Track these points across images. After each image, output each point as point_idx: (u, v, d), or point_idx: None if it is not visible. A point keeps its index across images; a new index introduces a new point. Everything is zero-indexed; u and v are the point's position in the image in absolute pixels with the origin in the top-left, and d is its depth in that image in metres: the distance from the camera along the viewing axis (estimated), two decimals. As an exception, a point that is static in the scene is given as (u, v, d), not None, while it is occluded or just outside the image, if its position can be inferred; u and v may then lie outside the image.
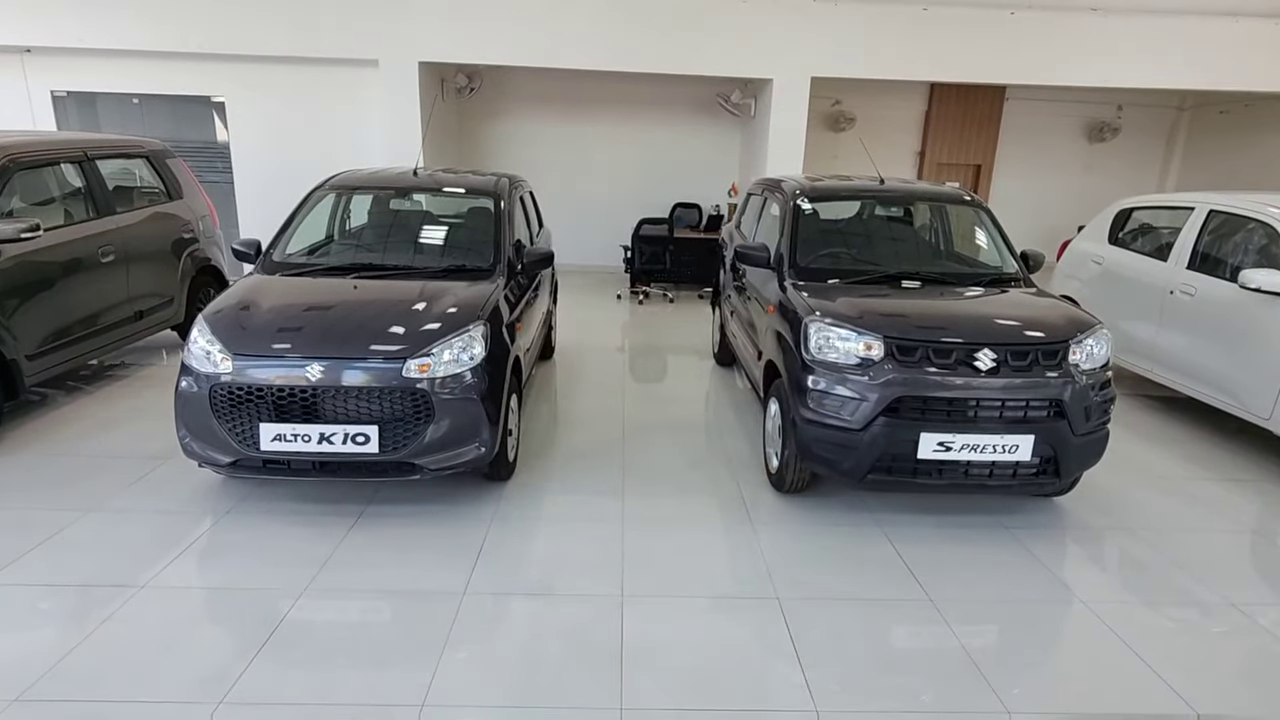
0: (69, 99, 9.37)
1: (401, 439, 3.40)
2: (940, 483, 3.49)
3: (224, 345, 3.40)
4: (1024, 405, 3.40)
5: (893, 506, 3.90)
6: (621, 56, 8.74)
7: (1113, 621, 3.00)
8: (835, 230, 4.71)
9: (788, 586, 3.16)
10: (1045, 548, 3.55)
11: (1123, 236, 6.04)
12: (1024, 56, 9.14)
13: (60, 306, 4.67)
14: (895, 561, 3.39)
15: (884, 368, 3.43)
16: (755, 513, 3.81)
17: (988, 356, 3.38)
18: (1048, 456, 3.46)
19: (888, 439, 3.40)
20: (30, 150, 4.68)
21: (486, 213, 4.64)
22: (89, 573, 3.06)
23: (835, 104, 11.54)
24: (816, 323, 3.61)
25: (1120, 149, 12.19)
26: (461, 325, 3.60)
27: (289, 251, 4.40)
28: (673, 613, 2.96)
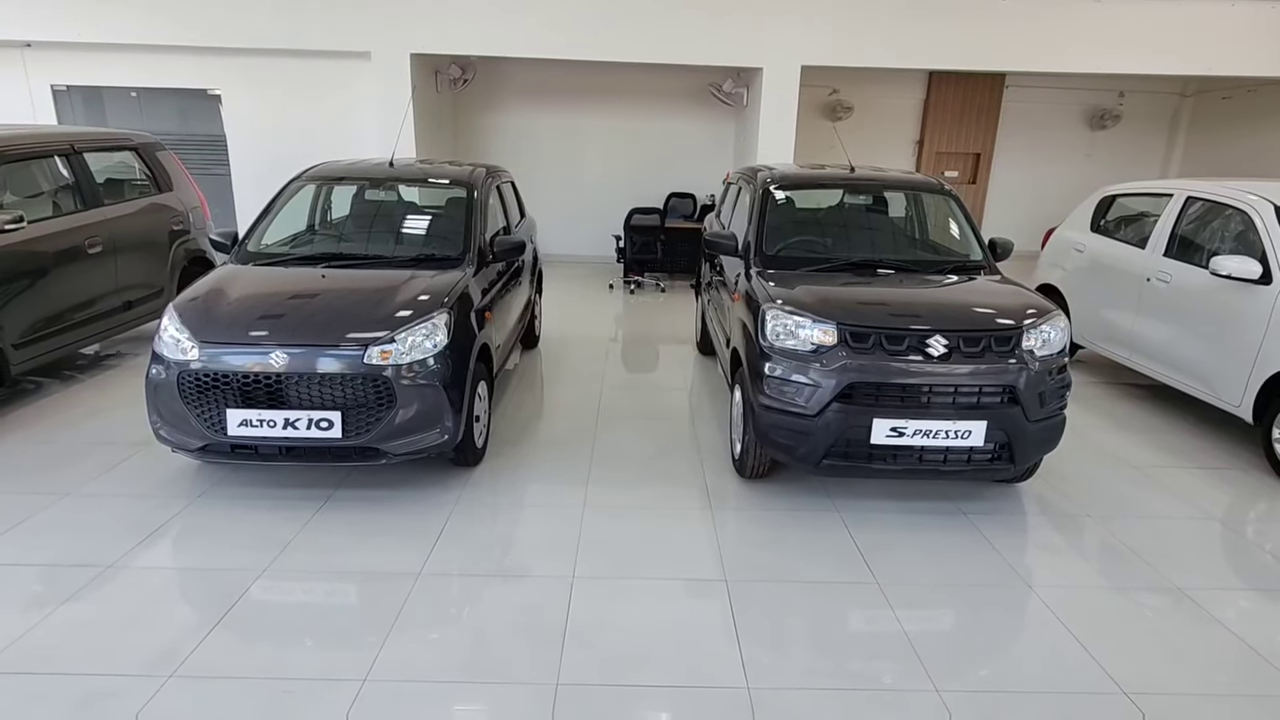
0: (71, 93, 9.51)
1: (364, 424, 3.48)
2: (895, 468, 3.52)
3: (192, 333, 3.49)
4: (976, 391, 3.43)
5: (854, 493, 3.94)
6: (613, 47, 8.75)
7: (1056, 605, 3.04)
8: (804, 219, 4.73)
9: (737, 570, 3.21)
10: (1000, 533, 3.59)
11: (1105, 224, 6.01)
12: (1023, 43, 9.06)
13: (46, 297, 4.79)
14: (848, 546, 3.43)
15: (838, 354, 3.46)
16: (716, 499, 3.86)
17: (939, 343, 3.41)
18: (1002, 442, 3.49)
19: (841, 424, 3.44)
20: (15, 144, 4.79)
21: (460, 203, 4.70)
22: (57, 554, 3.17)
23: (832, 93, 11.50)
24: (774, 310, 3.65)
25: (1122, 136, 12.07)
26: (425, 313, 3.67)
27: (265, 242, 4.48)
28: (620, 594, 3.02)
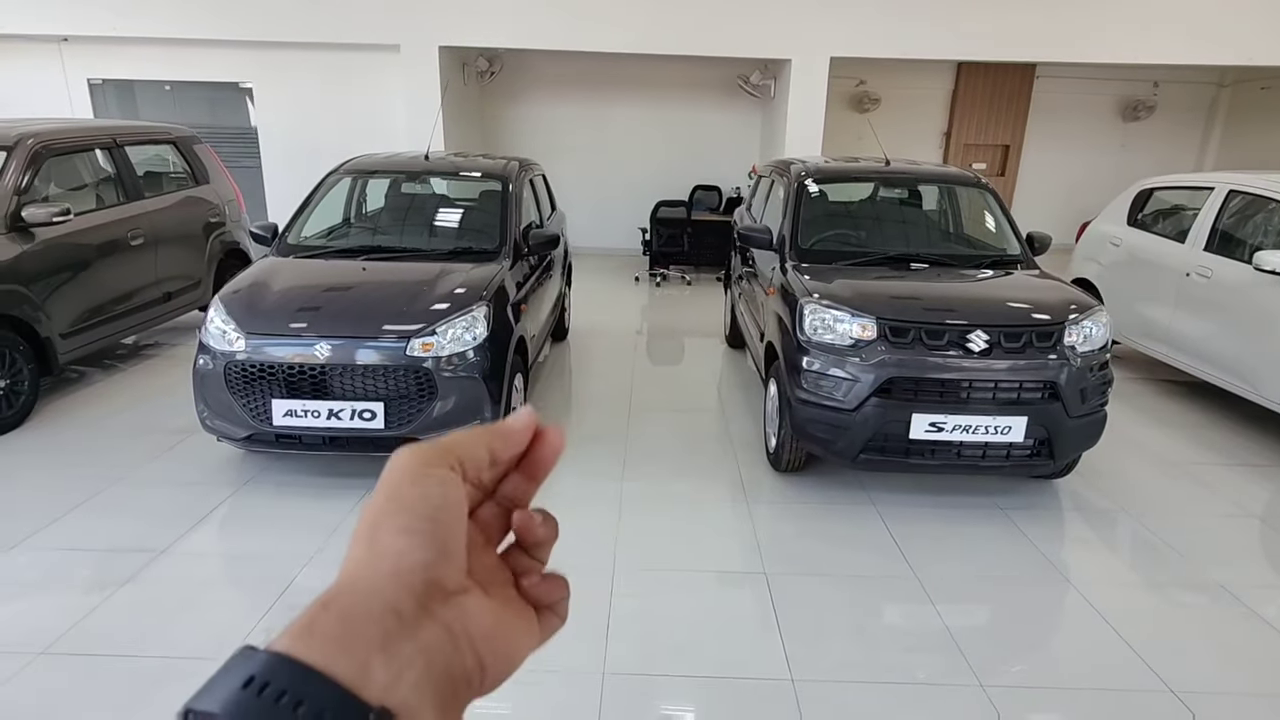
0: (106, 87, 9.67)
1: (406, 415, 3.53)
2: (933, 463, 3.52)
3: (238, 325, 3.56)
4: (1017, 387, 3.42)
5: (890, 487, 3.94)
6: (642, 39, 8.74)
7: (1098, 601, 3.02)
8: (838, 213, 4.72)
9: (776, 562, 3.23)
10: (1038, 529, 3.57)
11: (1143, 218, 5.93)
12: (1054, 33, 8.93)
13: (92, 288, 4.89)
14: (885, 539, 3.44)
15: (877, 349, 3.46)
16: (752, 492, 3.88)
17: (980, 338, 3.40)
18: (1042, 438, 3.48)
19: (880, 419, 3.44)
20: (61, 137, 4.89)
21: (495, 196, 4.74)
22: (113, 539, 3.26)
23: (859, 84, 11.40)
24: (812, 304, 3.65)
25: (1156, 127, 11.85)
26: (465, 305, 3.71)
27: (304, 235, 4.55)
28: (661, 586, 3.06)
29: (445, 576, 0.38)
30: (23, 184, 4.49)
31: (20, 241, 4.39)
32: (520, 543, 0.45)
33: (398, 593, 0.36)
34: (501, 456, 0.44)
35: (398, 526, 0.37)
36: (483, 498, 0.44)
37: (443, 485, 0.39)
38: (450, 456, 0.41)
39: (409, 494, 0.38)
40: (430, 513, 0.38)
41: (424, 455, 0.40)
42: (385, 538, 0.37)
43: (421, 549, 0.37)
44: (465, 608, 0.38)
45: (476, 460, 0.42)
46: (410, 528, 0.37)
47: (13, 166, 4.49)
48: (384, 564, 0.36)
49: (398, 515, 0.38)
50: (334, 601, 0.35)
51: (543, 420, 0.45)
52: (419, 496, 0.38)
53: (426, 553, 0.37)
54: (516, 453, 0.44)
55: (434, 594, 0.37)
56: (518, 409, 0.45)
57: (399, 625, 0.35)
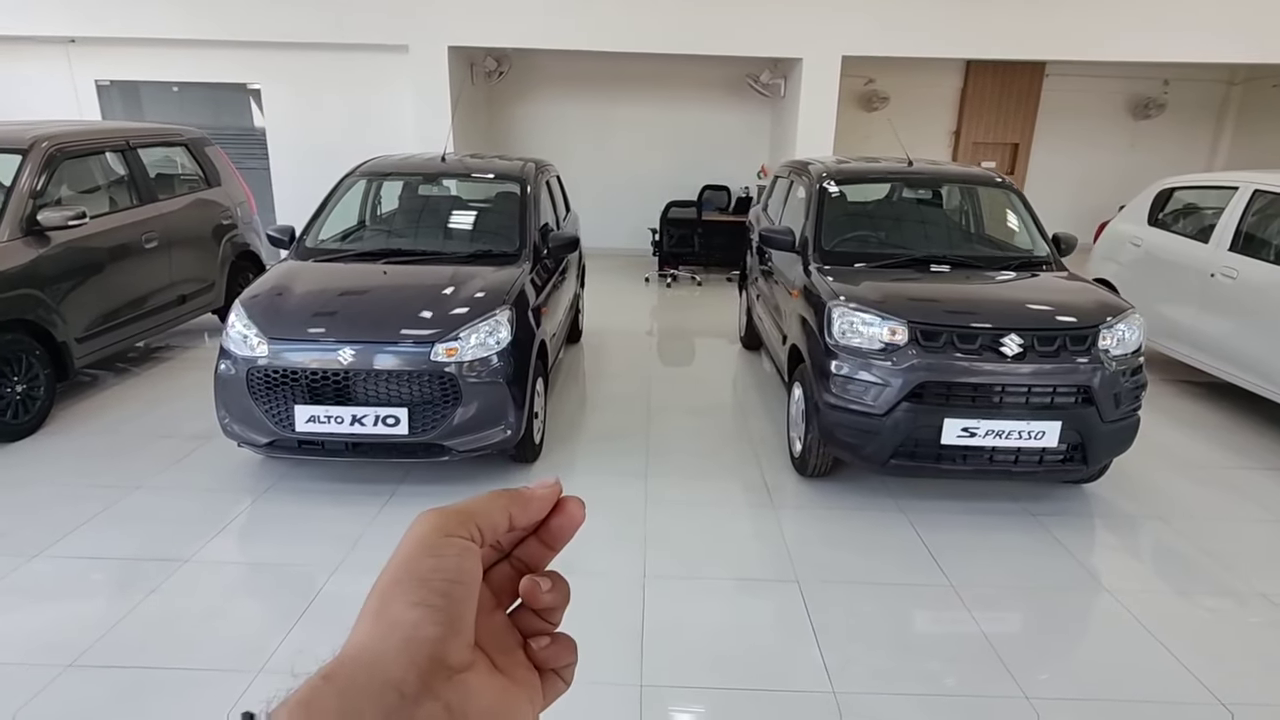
0: (113, 88, 9.62)
1: (430, 421, 3.49)
2: (964, 468, 3.48)
3: (260, 330, 3.51)
4: (1051, 391, 3.37)
5: (917, 492, 3.89)
6: (650, 38, 8.69)
7: (1138, 610, 2.98)
8: (861, 213, 4.67)
9: (808, 569, 3.19)
10: (1072, 535, 3.53)
11: (1163, 218, 5.88)
12: (1064, 31, 8.87)
13: (107, 291, 4.85)
14: (918, 546, 3.39)
15: (907, 353, 3.41)
16: (778, 496, 3.83)
17: (1014, 342, 3.35)
18: (1075, 443, 3.43)
19: (911, 424, 3.40)
20: (75, 140, 4.84)
21: (513, 198, 4.69)
22: (136, 547, 3.21)
23: (868, 83, 11.34)
24: (840, 307, 3.60)
25: (1167, 126, 11.79)
26: (488, 310, 3.66)
27: (321, 237, 4.51)
28: (693, 593, 3.01)
29: (452, 654, 0.38)
30: (38, 187, 4.45)
31: (36, 245, 4.35)
32: (528, 607, 0.45)
33: (404, 669, 0.36)
34: (520, 524, 0.44)
35: (411, 599, 0.37)
36: (498, 558, 0.44)
37: (459, 557, 0.39)
38: (470, 524, 0.41)
39: (425, 565, 0.38)
40: (444, 587, 0.38)
41: (444, 522, 0.40)
42: (397, 610, 0.37)
43: (433, 624, 0.37)
44: (468, 686, 0.38)
45: (495, 527, 0.42)
46: (423, 601, 0.37)
47: (27, 170, 4.44)
48: (393, 637, 0.36)
49: (411, 587, 0.38)
50: (336, 675, 0.35)
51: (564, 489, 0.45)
52: (434, 568, 0.38)
53: (437, 628, 0.37)
54: (536, 520, 0.45)
55: (439, 671, 0.37)
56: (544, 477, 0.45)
57: (399, 703, 0.35)
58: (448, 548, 0.39)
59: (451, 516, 0.41)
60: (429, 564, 0.39)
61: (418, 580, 0.38)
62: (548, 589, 0.44)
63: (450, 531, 0.40)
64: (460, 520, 0.41)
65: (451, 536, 0.40)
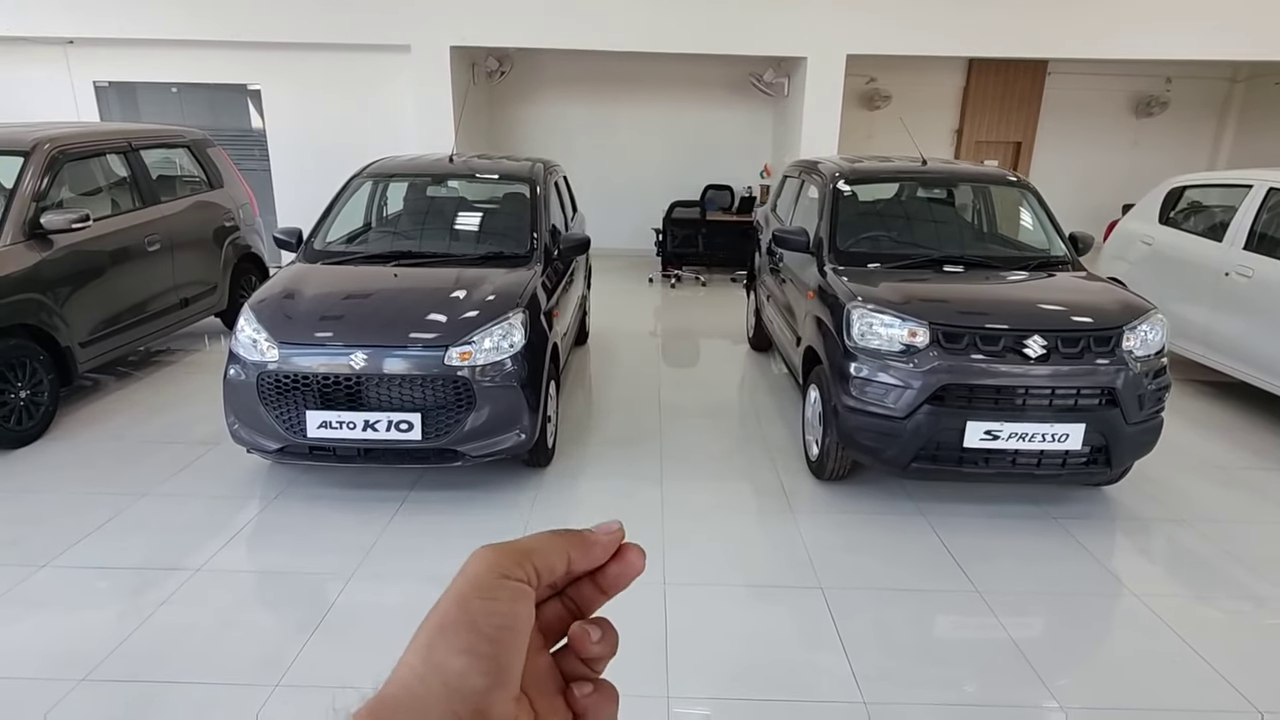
0: (112, 89, 9.54)
1: (444, 426, 3.43)
2: (986, 471, 3.43)
3: (270, 334, 3.45)
4: (1075, 393, 3.32)
5: (936, 495, 3.84)
6: (654, 37, 8.63)
7: (1167, 615, 2.93)
8: (876, 213, 4.62)
9: (831, 576, 3.13)
10: (1094, 539, 3.48)
11: (1174, 216, 5.84)
12: (1067, 28, 8.84)
13: (110, 295, 4.78)
14: (940, 552, 3.34)
15: (929, 355, 3.36)
16: (795, 500, 3.78)
17: (1037, 343, 3.30)
18: (1099, 446, 3.38)
19: (932, 427, 3.35)
20: (77, 141, 4.77)
21: (522, 199, 4.63)
22: (145, 556, 3.15)
23: (870, 82, 11.29)
24: (859, 309, 3.55)
25: (1169, 124, 11.77)
26: (501, 313, 3.61)
27: (329, 240, 4.44)
28: (716, 601, 2.96)
29: (496, 706, 0.36)
30: (41, 189, 4.38)
31: (39, 249, 4.28)
32: (574, 651, 0.43)
33: (446, 716, 0.35)
34: (578, 569, 0.42)
35: (459, 645, 0.36)
36: (549, 595, 0.43)
37: (513, 602, 0.38)
38: (527, 565, 0.39)
39: (478, 608, 0.37)
40: (495, 634, 0.37)
41: (502, 561, 0.39)
42: (443, 654, 0.36)
43: (480, 674, 0.36)
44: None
45: (553, 570, 0.41)
46: (472, 649, 0.36)
47: (30, 172, 4.37)
48: (437, 682, 0.35)
49: (461, 631, 0.37)
50: (380, 711, 0.35)
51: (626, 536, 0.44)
52: (487, 612, 0.37)
53: (484, 679, 0.36)
54: (595, 565, 0.43)
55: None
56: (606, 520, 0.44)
57: None
58: (502, 591, 0.38)
59: (508, 555, 0.39)
60: (481, 606, 0.37)
61: (468, 624, 0.37)
62: (597, 639, 0.42)
63: (506, 572, 0.39)
64: (517, 560, 0.39)
65: (507, 579, 0.38)
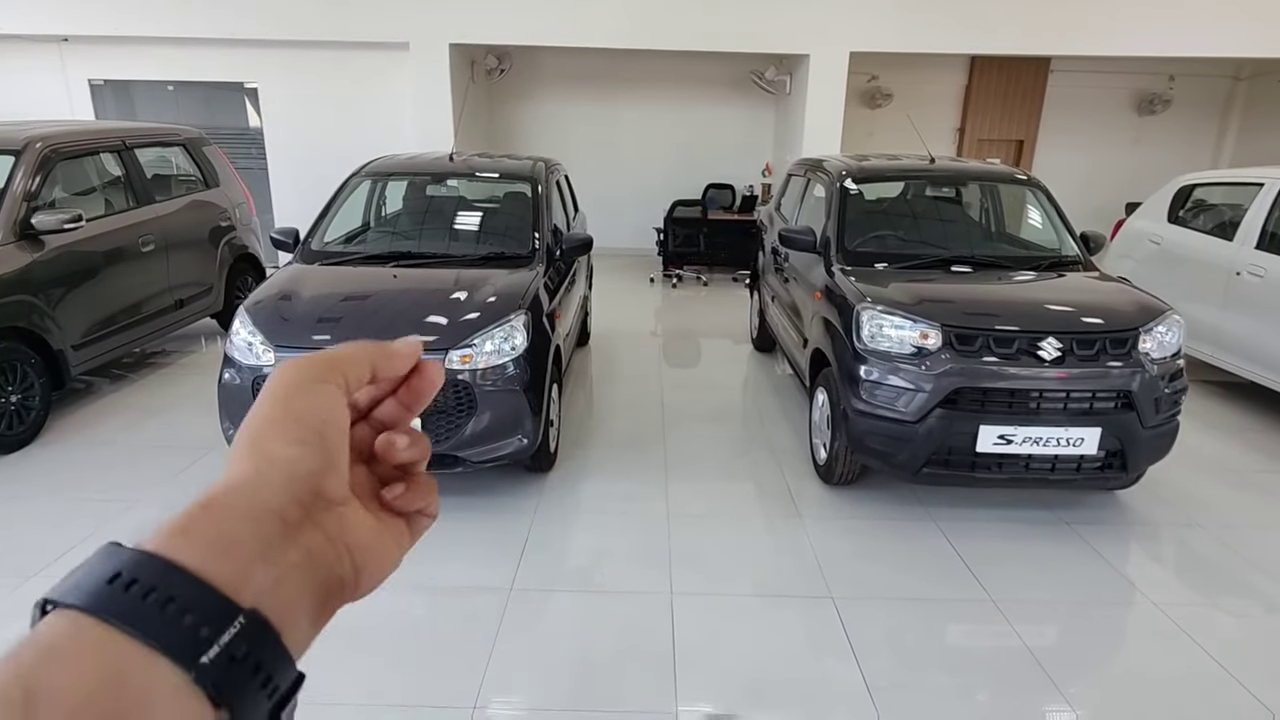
0: (107, 88, 9.45)
1: (444, 431, 3.35)
2: (999, 476, 3.35)
3: (265, 337, 3.37)
4: (1090, 397, 3.24)
5: (947, 500, 3.76)
6: (654, 34, 8.55)
7: (1186, 623, 2.86)
8: (884, 212, 4.54)
9: (841, 584, 3.06)
10: (1110, 545, 3.40)
11: (1183, 214, 5.77)
12: (1070, 26, 8.77)
13: (103, 296, 4.69)
14: (952, 559, 3.27)
15: (941, 357, 3.28)
16: (803, 505, 3.70)
17: (1052, 345, 3.22)
18: (1114, 450, 3.31)
19: (945, 431, 3.27)
20: (70, 140, 4.68)
21: (524, 198, 4.55)
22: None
23: (871, 80, 11.21)
24: (869, 310, 3.47)
25: (1171, 122, 11.70)
26: (502, 315, 3.53)
27: (327, 240, 4.36)
28: (725, 610, 2.88)
29: (331, 487, 0.38)
30: (32, 189, 4.29)
31: (30, 250, 4.19)
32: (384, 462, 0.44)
33: (286, 499, 0.36)
34: (382, 375, 0.44)
35: (289, 436, 0.38)
36: (357, 418, 0.44)
37: (330, 398, 0.40)
38: (336, 371, 0.41)
39: (299, 405, 0.39)
40: (319, 425, 0.38)
41: (311, 368, 0.40)
42: (275, 446, 0.37)
43: (312, 458, 0.38)
44: (346, 517, 0.39)
45: (359, 377, 0.42)
46: (301, 438, 0.38)
47: (21, 171, 4.28)
48: (274, 471, 0.37)
49: (288, 425, 0.38)
50: (215, 503, 0.35)
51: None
52: (309, 408, 0.39)
53: (316, 462, 0.38)
54: (398, 375, 0.44)
55: (319, 503, 0.38)
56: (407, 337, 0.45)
57: (283, 531, 0.35)
58: (319, 389, 0.40)
59: (317, 362, 0.41)
60: (303, 402, 0.39)
61: (293, 419, 0.38)
62: (405, 445, 0.44)
63: (320, 377, 0.40)
64: (327, 366, 0.41)
65: (321, 382, 0.40)
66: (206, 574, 0.32)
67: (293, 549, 0.35)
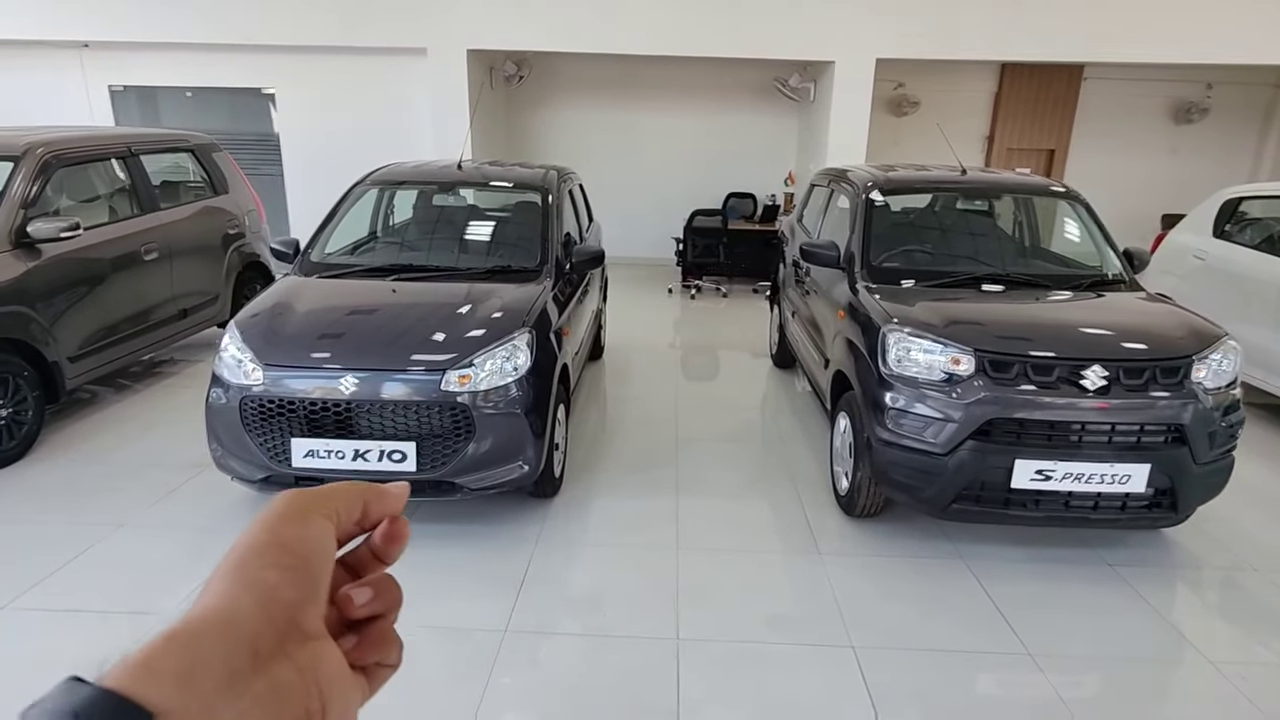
0: (128, 93, 9.45)
1: (440, 457, 3.16)
2: (1035, 515, 3.09)
3: (255, 354, 3.20)
4: (1138, 430, 2.98)
5: (976, 536, 3.50)
6: (675, 40, 8.37)
7: (1249, 688, 2.58)
8: (912, 226, 4.30)
9: (863, 632, 2.82)
10: (1157, 590, 3.13)
11: (1230, 229, 5.45)
12: (1104, 31, 8.46)
13: (102, 307, 4.57)
14: (984, 604, 3.01)
15: (974, 385, 3.04)
16: (822, 540, 3.46)
17: (1097, 374, 2.96)
18: (1163, 488, 3.03)
19: (977, 465, 3.02)
20: (72, 146, 4.58)
21: (534, 208, 4.37)
22: (113, 597, 2.90)
23: (898, 87, 10.94)
24: (896, 332, 3.23)
25: (1209, 131, 11.29)
26: (505, 333, 3.34)
27: (328, 251, 4.21)
28: (735, 662, 2.65)
29: (309, 618, 0.38)
30: (30, 196, 4.18)
31: (25, 259, 4.08)
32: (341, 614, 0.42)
33: (261, 627, 0.35)
34: (373, 514, 0.44)
35: (272, 561, 0.37)
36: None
37: (320, 529, 0.40)
38: (329, 506, 0.41)
39: (287, 532, 0.39)
40: (305, 553, 0.38)
41: (304, 500, 0.41)
42: (255, 572, 0.36)
43: (293, 587, 0.37)
44: (319, 652, 0.38)
45: (351, 514, 0.42)
46: (284, 564, 0.37)
47: (19, 177, 4.18)
48: (250, 596, 0.36)
49: (273, 551, 0.37)
50: (180, 634, 0.34)
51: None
52: (297, 536, 0.39)
53: (297, 591, 0.37)
54: (391, 514, 0.44)
55: (294, 634, 0.37)
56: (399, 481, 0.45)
57: (253, 662, 0.34)
58: (311, 520, 0.40)
59: (312, 495, 0.41)
60: (291, 531, 0.39)
61: (279, 545, 0.38)
62: (364, 601, 0.42)
63: (311, 508, 0.40)
64: (321, 499, 0.41)
65: (312, 513, 0.40)
66: (167, 711, 0.30)
67: (260, 680, 0.34)
